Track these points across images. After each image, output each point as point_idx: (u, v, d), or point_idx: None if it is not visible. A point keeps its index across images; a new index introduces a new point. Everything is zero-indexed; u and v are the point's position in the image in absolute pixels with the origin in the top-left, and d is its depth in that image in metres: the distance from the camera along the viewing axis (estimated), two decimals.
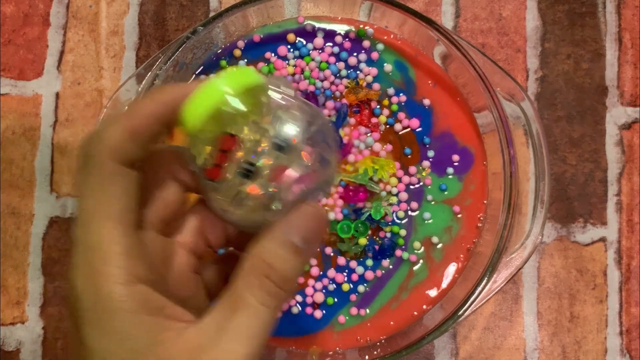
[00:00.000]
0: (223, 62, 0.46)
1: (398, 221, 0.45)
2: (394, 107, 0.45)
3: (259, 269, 0.24)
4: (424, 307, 0.44)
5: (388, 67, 0.45)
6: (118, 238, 0.23)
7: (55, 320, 0.48)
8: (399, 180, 0.44)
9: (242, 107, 0.24)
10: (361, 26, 0.46)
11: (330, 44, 0.46)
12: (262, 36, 0.46)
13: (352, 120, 0.45)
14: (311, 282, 0.44)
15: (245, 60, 0.46)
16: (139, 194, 0.25)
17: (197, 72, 0.45)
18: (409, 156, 0.45)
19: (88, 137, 0.25)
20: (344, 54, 0.45)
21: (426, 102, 0.45)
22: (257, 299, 0.24)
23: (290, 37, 0.46)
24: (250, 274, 0.24)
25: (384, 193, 0.44)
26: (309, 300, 0.44)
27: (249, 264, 0.25)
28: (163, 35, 0.50)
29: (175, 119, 0.25)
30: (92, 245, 0.23)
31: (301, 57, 0.46)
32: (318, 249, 0.44)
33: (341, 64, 0.45)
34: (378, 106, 0.45)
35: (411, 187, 0.45)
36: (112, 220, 0.24)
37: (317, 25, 0.46)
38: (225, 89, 0.24)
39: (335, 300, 0.44)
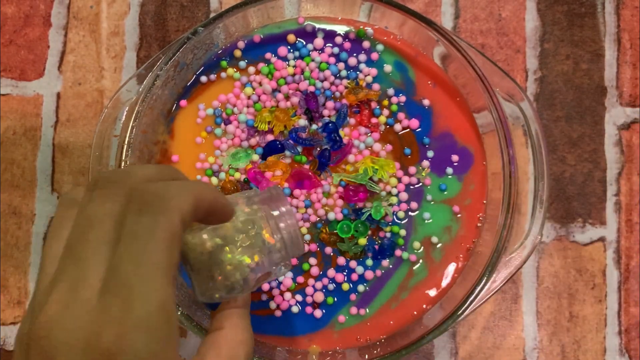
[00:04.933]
0: (223, 63, 0.46)
1: (398, 221, 0.45)
2: (394, 108, 0.45)
3: (249, 343, 0.29)
4: (424, 306, 0.44)
5: (388, 67, 0.46)
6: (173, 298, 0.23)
7: None
8: (399, 180, 0.45)
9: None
10: (361, 27, 0.46)
11: (330, 45, 0.46)
12: (262, 37, 0.46)
13: (352, 121, 0.45)
14: (311, 281, 0.44)
15: (246, 60, 0.46)
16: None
17: (197, 73, 0.46)
18: (409, 156, 0.45)
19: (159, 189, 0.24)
20: (343, 55, 0.46)
21: (426, 102, 0.46)
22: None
23: (291, 37, 0.46)
24: (245, 345, 0.29)
25: (383, 193, 0.44)
26: (309, 299, 0.44)
27: (241, 337, 0.30)
28: (164, 35, 0.50)
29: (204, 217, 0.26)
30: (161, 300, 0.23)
31: (301, 57, 0.46)
32: (318, 249, 0.44)
33: (341, 65, 0.46)
34: (378, 106, 0.45)
35: (411, 187, 0.45)
36: (172, 283, 0.23)
37: (317, 25, 0.46)
38: None
39: (335, 299, 0.44)
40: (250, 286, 0.31)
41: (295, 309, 0.44)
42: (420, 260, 0.44)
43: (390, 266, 0.44)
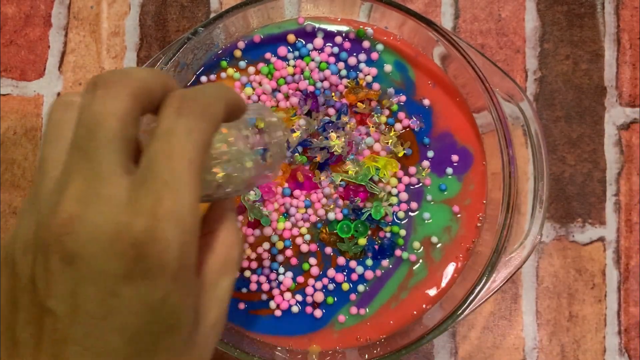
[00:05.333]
0: (224, 63, 0.46)
1: (398, 221, 0.45)
2: (394, 107, 0.45)
3: (241, 244, 0.27)
4: (424, 306, 0.44)
5: (388, 67, 0.46)
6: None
7: None
8: (399, 180, 0.45)
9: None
10: (361, 27, 0.46)
11: (330, 45, 0.46)
12: (262, 37, 0.46)
13: (352, 121, 0.45)
14: (311, 281, 0.44)
15: (246, 60, 0.46)
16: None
17: (197, 73, 0.46)
18: (409, 156, 0.45)
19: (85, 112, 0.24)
20: (343, 54, 0.46)
21: (426, 102, 0.46)
22: (239, 266, 0.25)
23: (291, 37, 0.46)
24: (238, 246, 0.27)
25: (383, 193, 0.44)
26: (309, 299, 0.44)
27: (236, 238, 0.28)
28: (164, 36, 0.50)
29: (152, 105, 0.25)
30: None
31: (301, 57, 0.46)
32: (318, 249, 0.44)
33: (341, 64, 0.46)
34: (378, 106, 0.45)
35: (411, 187, 0.45)
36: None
37: (317, 25, 0.46)
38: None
39: (335, 299, 0.44)
40: (245, 183, 0.30)
41: (295, 309, 0.44)
42: (420, 260, 0.45)
43: (390, 266, 0.44)
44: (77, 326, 0.22)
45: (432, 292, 0.44)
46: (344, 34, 0.46)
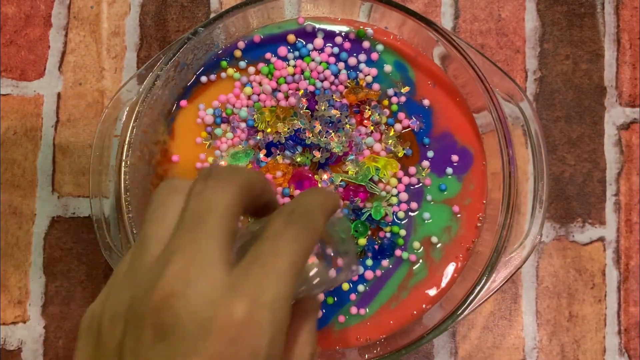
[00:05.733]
0: (224, 63, 0.46)
1: (398, 221, 0.45)
2: (394, 107, 0.45)
3: (284, 208, 0.26)
4: (424, 306, 0.44)
5: (388, 67, 0.46)
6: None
7: (56, 319, 0.48)
8: (399, 180, 0.45)
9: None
10: (361, 27, 0.46)
11: (330, 45, 0.46)
12: (262, 37, 0.46)
13: (352, 120, 0.45)
14: None
15: (246, 60, 0.46)
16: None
17: (197, 73, 0.46)
18: (409, 156, 0.45)
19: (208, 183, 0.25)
20: (343, 55, 0.46)
21: (426, 102, 0.46)
22: (288, 230, 0.25)
23: (291, 37, 0.46)
24: (281, 212, 0.26)
25: (383, 193, 0.44)
26: None
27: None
28: (164, 36, 0.50)
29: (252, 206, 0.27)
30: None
31: (301, 57, 0.46)
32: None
33: (341, 64, 0.46)
34: (378, 106, 0.45)
35: (411, 187, 0.45)
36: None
37: (317, 26, 0.46)
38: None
39: (335, 299, 0.44)
40: (327, 285, 0.31)
41: None
42: (420, 260, 0.45)
43: (390, 266, 0.44)
44: None
45: (432, 292, 0.44)
46: (344, 34, 0.46)
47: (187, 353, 0.22)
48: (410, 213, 0.45)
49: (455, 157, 0.45)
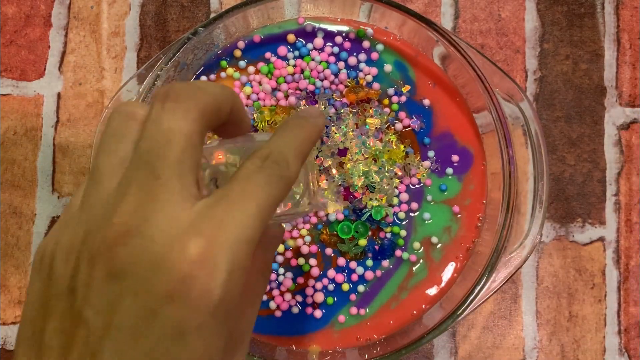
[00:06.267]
0: (223, 63, 0.46)
1: (398, 222, 0.45)
2: (394, 107, 0.45)
3: (259, 152, 0.25)
4: (424, 306, 0.44)
5: (388, 67, 0.46)
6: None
7: None
8: (400, 180, 0.45)
9: None
10: (361, 27, 0.46)
11: (330, 44, 0.46)
12: (262, 37, 0.46)
13: (352, 120, 0.45)
14: (311, 282, 0.44)
15: (246, 60, 0.46)
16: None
17: (197, 73, 0.46)
18: (409, 156, 0.45)
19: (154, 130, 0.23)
20: (343, 54, 0.46)
21: (426, 102, 0.46)
22: (260, 176, 0.24)
23: (291, 37, 0.46)
24: (254, 156, 0.25)
25: (386, 187, 0.44)
26: (309, 300, 0.44)
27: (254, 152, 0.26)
28: (164, 36, 0.50)
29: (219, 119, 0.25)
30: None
31: (301, 57, 0.46)
32: (318, 250, 0.44)
33: (341, 64, 0.46)
34: (378, 105, 0.45)
35: (411, 187, 0.45)
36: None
37: (317, 25, 0.46)
38: None
39: (335, 300, 0.44)
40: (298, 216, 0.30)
41: (295, 309, 0.44)
42: (421, 261, 0.45)
43: (391, 266, 0.44)
44: (108, 342, 0.21)
45: (432, 292, 0.44)
46: (344, 34, 0.46)
47: (138, 291, 0.21)
48: (410, 213, 0.45)
49: (455, 157, 0.45)
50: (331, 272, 0.44)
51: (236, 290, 0.22)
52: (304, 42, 0.46)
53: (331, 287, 0.44)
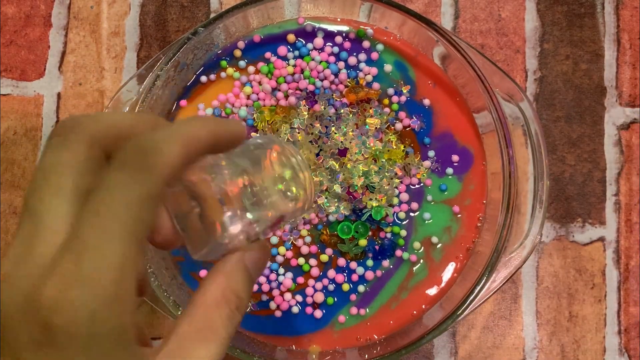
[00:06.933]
0: (223, 63, 0.46)
1: (398, 222, 0.45)
2: (394, 107, 0.45)
3: (231, 302, 0.24)
4: (424, 306, 0.44)
5: (388, 67, 0.46)
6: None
7: None
8: (400, 180, 0.45)
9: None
10: (361, 27, 0.46)
11: (330, 44, 0.46)
12: (262, 37, 0.46)
13: (352, 120, 0.45)
14: (311, 282, 0.44)
15: (246, 60, 0.46)
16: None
17: (197, 73, 0.46)
18: (409, 156, 0.45)
19: (146, 141, 0.21)
20: (343, 54, 0.46)
21: (426, 102, 0.46)
22: (226, 331, 0.23)
23: (290, 37, 0.46)
24: (222, 306, 0.24)
25: (386, 187, 0.44)
26: (309, 300, 0.44)
27: (220, 296, 0.24)
28: (164, 36, 0.50)
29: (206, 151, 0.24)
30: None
31: (301, 57, 0.46)
32: (318, 251, 0.44)
33: (341, 64, 0.46)
34: (378, 105, 0.45)
35: (411, 187, 0.45)
36: (137, 245, 0.21)
37: (317, 25, 0.46)
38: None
39: (335, 300, 0.44)
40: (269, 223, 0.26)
41: (295, 309, 0.44)
42: (421, 261, 0.45)
43: (391, 266, 0.44)
44: None
45: (432, 292, 0.44)
46: (344, 34, 0.46)
47: (5, 345, 0.20)
48: (410, 213, 0.45)
49: (455, 157, 0.45)
50: (331, 272, 0.44)
51: (111, 326, 0.20)
52: (304, 42, 0.46)
53: (331, 287, 0.44)
